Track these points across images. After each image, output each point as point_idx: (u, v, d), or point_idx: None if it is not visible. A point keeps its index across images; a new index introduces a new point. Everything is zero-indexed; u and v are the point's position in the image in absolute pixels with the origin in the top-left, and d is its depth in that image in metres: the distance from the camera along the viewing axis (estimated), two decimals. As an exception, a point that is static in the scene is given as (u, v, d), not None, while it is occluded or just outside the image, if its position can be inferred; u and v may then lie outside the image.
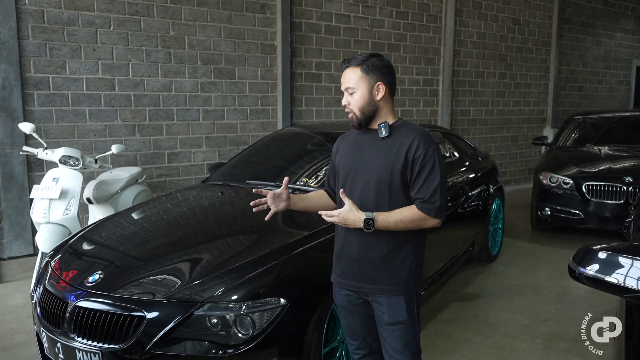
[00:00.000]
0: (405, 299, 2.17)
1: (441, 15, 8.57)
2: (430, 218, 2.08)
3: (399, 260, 2.15)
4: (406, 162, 2.09)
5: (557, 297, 4.44)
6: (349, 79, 2.15)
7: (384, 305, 2.18)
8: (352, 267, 2.22)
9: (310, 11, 7.06)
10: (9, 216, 5.21)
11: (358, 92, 2.13)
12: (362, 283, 2.20)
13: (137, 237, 3.17)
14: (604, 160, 6.21)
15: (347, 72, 2.16)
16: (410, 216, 2.08)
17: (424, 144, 2.08)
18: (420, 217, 2.08)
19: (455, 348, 3.50)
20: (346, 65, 2.17)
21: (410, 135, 2.11)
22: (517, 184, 10.12)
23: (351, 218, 2.08)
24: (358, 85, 2.13)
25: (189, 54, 6.13)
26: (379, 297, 2.19)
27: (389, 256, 2.15)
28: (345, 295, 2.28)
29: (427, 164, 2.07)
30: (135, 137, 5.90)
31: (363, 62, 2.13)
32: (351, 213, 2.08)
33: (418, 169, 2.08)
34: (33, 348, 3.35)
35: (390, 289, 2.16)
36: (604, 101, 11.86)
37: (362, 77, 2.12)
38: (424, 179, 2.07)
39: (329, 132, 4.51)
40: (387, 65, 2.16)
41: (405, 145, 2.09)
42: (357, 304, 2.27)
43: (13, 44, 5.07)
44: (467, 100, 9.19)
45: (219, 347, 2.35)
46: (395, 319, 2.17)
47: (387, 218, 2.07)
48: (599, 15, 11.34)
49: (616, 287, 1.64)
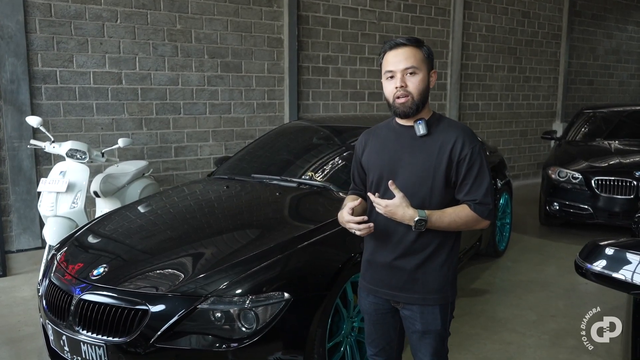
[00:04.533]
0: (441, 307, 2.03)
1: (449, 9, 8.49)
2: (482, 220, 1.96)
3: (434, 268, 2.01)
4: (450, 162, 1.93)
5: (566, 293, 4.40)
6: (412, 57, 1.93)
7: (417, 313, 2.04)
8: (385, 274, 2.06)
9: (318, 4, 7.02)
10: (17, 209, 5.24)
11: (421, 74, 1.93)
12: (395, 292, 2.05)
13: (142, 231, 3.18)
14: (614, 155, 6.15)
15: (406, 50, 1.93)
16: (464, 217, 1.93)
17: (469, 143, 1.93)
18: (473, 218, 1.94)
19: (463, 344, 3.48)
20: (402, 42, 1.95)
21: (453, 133, 1.95)
22: (525, 178, 10.05)
23: (400, 213, 1.88)
24: (421, 66, 1.94)
25: (195, 48, 6.12)
26: (412, 306, 2.04)
27: (425, 264, 2.00)
28: (372, 303, 2.14)
29: (474, 164, 1.93)
30: (142, 131, 5.90)
31: (422, 44, 1.97)
32: (401, 208, 1.87)
33: (465, 169, 1.93)
34: (40, 340, 3.36)
35: (425, 297, 2.01)
36: (615, 95, 11.72)
37: (425, 59, 1.95)
38: (473, 179, 1.93)
39: (335, 126, 4.49)
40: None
41: (449, 144, 1.93)
42: (383, 313, 2.13)
43: (20, 37, 5.08)
44: (475, 94, 9.11)
45: (223, 341, 2.35)
46: (429, 327, 2.03)
47: (440, 218, 1.91)
48: (611, 7, 11.19)
49: (623, 283, 1.62)
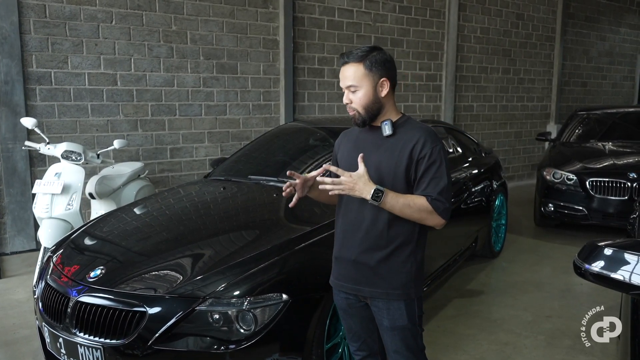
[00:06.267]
0: (406, 303, 2.09)
1: (444, 10, 8.52)
2: (436, 215, 1.98)
3: (398, 264, 2.06)
4: (410, 161, 1.99)
5: (561, 294, 4.42)
6: (351, 76, 2.01)
7: (383, 309, 2.11)
8: (350, 270, 2.14)
9: (313, 6, 7.02)
10: (12, 211, 5.21)
11: (362, 90, 2.01)
12: (360, 286, 2.12)
13: (139, 233, 3.17)
14: (608, 156, 6.18)
15: (348, 68, 2.01)
16: (419, 204, 1.97)
17: (430, 143, 1.99)
18: (427, 210, 1.97)
19: (459, 344, 3.49)
20: (345, 60, 2.01)
21: (415, 134, 2.02)
22: (520, 179, 10.09)
23: (360, 185, 1.93)
24: (361, 83, 2.00)
25: (191, 49, 6.11)
26: (378, 301, 2.11)
27: (388, 259, 2.06)
28: (344, 298, 2.21)
29: (434, 163, 1.98)
30: (138, 132, 5.88)
31: (365, 58, 1.99)
32: (362, 179, 1.94)
33: (424, 168, 1.98)
34: (35, 343, 3.35)
35: (389, 292, 2.07)
36: (608, 97, 11.80)
37: (366, 74, 2.00)
38: (431, 177, 1.98)
39: (331, 128, 4.49)
40: (389, 60, 2.04)
41: (410, 143, 2.00)
42: (357, 307, 2.20)
43: (15, 38, 5.06)
44: (470, 95, 9.14)
45: (221, 342, 2.35)
46: (395, 323, 2.10)
47: (396, 197, 1.96)
48: (604, 10, 11.26)
49: (622, 284, 1.62)
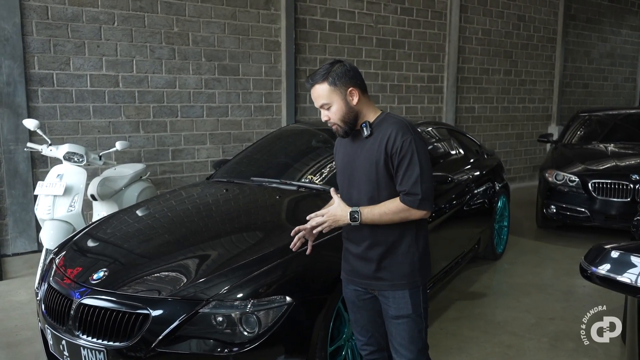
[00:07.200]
0: (410, 292, 2.18)
1: (446, 12, 8.51)
2: (415, 210, 2.07)
3: (400, 255, 2.17)
4: (386, 155, 2.09)
5: (564, 296, 4.41)
6: (320, 95, 2.13)
7: (389, 298, 2.21)
8: (357, 265, 2.26)
9: (315, 7, 7.02)
10: (13, 212, 5.21)
11: (334, 105, 2.13)
12: (368, 280, 2.24)
13: (141, 235, 3.16)
14: (610, 158, 6.17)
15: (316, 89, 2.14)
16: (393, 208, 2.08)
17: (401, 136, 2.07)
18: (403, 209, 2.07)
19: (462, 347, 3.48)
20: (311, 83, 2.15)
21: (388, 129, 2.11)
22: (521, 181, 10.08)
23: (339, 213, 2.11)
24: (331, 99, 2.12)
25: (193, 51, 6.11)
26: (385, 292, 2.22)
27: (390, 252, 2.17)
28: (353, 290, 2.31)
29: (405, 155, 2.06)
30: (139, 134, 5.88)
31: (327, 75, 2.11)
32: (339, 208, 2.12)
33: (397, 161, 2.08)
34: (37, 345, 3.34)
35: (394, 283, 2.18)
36: (610, 98, 11.79)
37: (333, 90, 2.11)
38: (404, 170, 2.07)
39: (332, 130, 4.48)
40: (351, 69, 2.14)
41: (384, 140, 2.10)
42: (365, 299, 2.30)
43: (17, 40, 5.06)
44: (471, 97, 9.14)
45: (225, 345, 2.34)
46: (400, 312, 2.19)
47: (371, 210, 2.09)
48: (605, 11, 11.26)
49: (629, 286, 1.62)
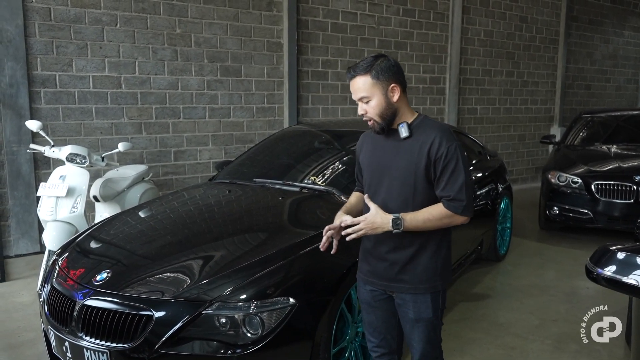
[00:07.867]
0: (432, 296, 2.17)
1: (448, 13, 8.51)
2: (458, 216, 2.06)
3: (425, 260, 2.15)
4: (429, 160, 2.05)
5: (566, 297, 4.40)
6: (360, 87, 2.06)
7: (409, 302, 2.18)
8: (378, 266, 2.22)
9: (317, 9, 7.02)
10: (16, 214, 5.21)
11: (374, 100, 2.06)
12: (390, 283, 2.21)
13: (144, 236, 3.16)
14: (613, 159, 6.16)
15: (357, 81, 2.07)
16: (437, 214, 2.05)
17: (446, 142, 2.05)
18: (447, 215, 2.05)
19: (465, 348, 3.47)
20: (352, 74, 2.08)
21: (431, 134, 2.07)
22: (524, 182, 10.06)
23: (378, 221, 2.04)
24: (372, 93, 2.06)
25: (195, 52, 6.11)
26: (405, 295, 2.19)
27: (416, 256, 2.15)
28: (369, 290, 2.28)
29: (450, 161, 2.04)
30: (142, 135, 5.88)
31: (371, 68, 2.05)
32: (378, 216, 2.04)
33: (441, 167, 2.04)
34: (40, 346, 3.34)
35: (416, 287, 2.16)
36: (612, 99, 11.77)
37: (374, 84, 2.05)
38: (448, 177, 2.04)
39: (336, 131, 4.49)
40: (395, 64, 2.09)
41: (427, 144, 2.06)
42: (381, 300, 2.27)
43: (20, 41, 5.06)
44: (474, 98, 9.13)
45: (228, 346, 2.33)
46: (421, 315, 2.18)
47: (415, 217, 2.05)
48: (607, 12, 11.24)
49: (635, 288, 1.61)
